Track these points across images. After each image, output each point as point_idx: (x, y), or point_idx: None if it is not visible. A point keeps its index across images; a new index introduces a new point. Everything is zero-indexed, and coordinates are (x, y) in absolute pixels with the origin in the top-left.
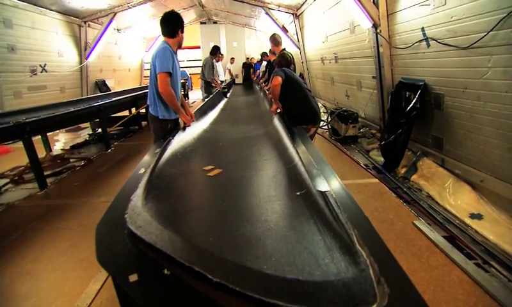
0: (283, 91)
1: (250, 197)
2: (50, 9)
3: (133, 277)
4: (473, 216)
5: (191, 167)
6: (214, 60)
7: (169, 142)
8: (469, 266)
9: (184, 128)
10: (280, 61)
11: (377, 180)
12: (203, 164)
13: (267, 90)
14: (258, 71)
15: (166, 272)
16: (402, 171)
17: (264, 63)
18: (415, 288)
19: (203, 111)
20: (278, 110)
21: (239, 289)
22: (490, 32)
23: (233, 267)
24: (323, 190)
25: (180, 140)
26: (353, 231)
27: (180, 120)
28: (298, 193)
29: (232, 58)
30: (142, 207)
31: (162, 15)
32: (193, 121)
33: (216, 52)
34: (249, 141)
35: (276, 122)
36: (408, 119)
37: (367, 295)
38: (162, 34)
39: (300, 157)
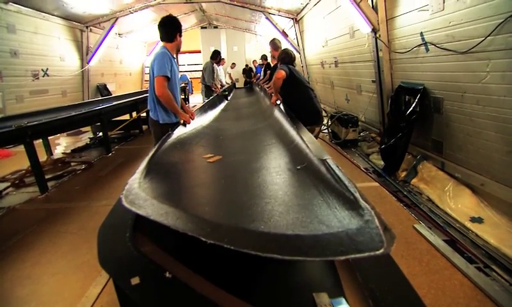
0: (287, 89)
1: (250, 174)
2: (52, 15)
3: (135, 281)
4: (473, 220)
5: (189, 156)
6: (214, 64)
7: (168, 136)
8: (470, 270)
9: (184, 125)
10: (284, 57)
11: (377, 184)
12: (202, 153)
13: (268, 88)
14: (258, 74)
15: (167, 275)
16: (403, 174)
17: (264, 66)
18: (416, 292)
19: (203, 111)
20: (278, 102)
21: (234, 247)
22: (488, 37)
23: (229, 229)
24: (324, 158)
25: (179, 134)
26: (356, 189)
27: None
28: (299, 167)
29: (233, 63)
30: (138, 188)
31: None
32: (193, 119)
33: (216, 56)
34: (249, 133)
35: (277, 113)
36: (407, 123)
37: (373, 242)
38: (161, 39)
39: (301, 137)
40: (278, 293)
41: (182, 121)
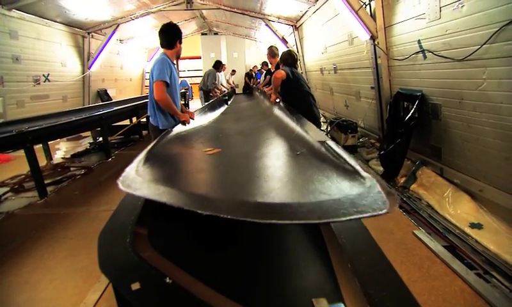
0: (286, 92)
1: (249, 161)
2: (55, 21)
3: (135, 286)
4: (473, 226)
5: (188, 149)
6: (217, 73)
7: (168, 132)
8: (470, 276)
9: (184, 124)
10: (287, 59)
11: None
12: (201, 148)
13: (267, 90)
14: (258, 80)
15: (167, 280)
16: (402, 180)
17: (264, 72)
18: (415, 299)
19: (203, 113)
20: (277, 100)
21: (230, 216)
22: (484, 46)
23: (226, 202)
24: (323, 140)
25: (178, 132)
26: (356, 162)
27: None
28: (298, 152)
29: (233, 70)
30: (135, 174)
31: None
32: (193, 119)
33: (218, 66)
34: (249, 131)
35: (277, 111)
36: (406, 129)
37: (375, 204)
38: (161, 45)
39: (301, 126)
40: (277, 299)
41: (181, 120)
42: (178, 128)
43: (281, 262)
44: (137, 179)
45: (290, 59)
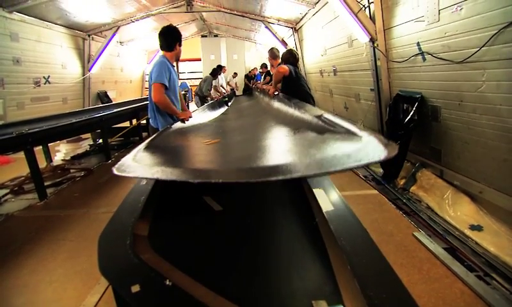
0: (286, 90)
1: (248, 144)
2: (55, 24)
3: (135, 288)
4: (473, 227)
5: (187, 142)
6: (213, 80)
7: (167, 128)
8: (470, 278)
9: (183, 122)
10: (288, 58)
11: (376, 191)
12: (201, 140)
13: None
14: (258, 81)
15: (167, 282)
16: (402, 182)
17: (264, 73)
18: (415, 301)
19: (203, 113)
20: (276, 93)
21: (221, 180)
22: (483, 48)
23: (218, 170)
24: (319, 114)
25: (178, 128)
26: (353, 125)
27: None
28: (296, 130)
29: (235, 73)
30: (132, 161)
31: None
32: (191, 117)
33: (215, 73)
34: (249, 125)
35: (276, 103)
36: (406, 131)
37: (372, 153)
38: (160, 47)
39: (299, 109)
40: (276, 300)
41: (180, 118)
42: (178, 125)
43: (280, 264)
44: (133, 164)
45: (291, 58)
